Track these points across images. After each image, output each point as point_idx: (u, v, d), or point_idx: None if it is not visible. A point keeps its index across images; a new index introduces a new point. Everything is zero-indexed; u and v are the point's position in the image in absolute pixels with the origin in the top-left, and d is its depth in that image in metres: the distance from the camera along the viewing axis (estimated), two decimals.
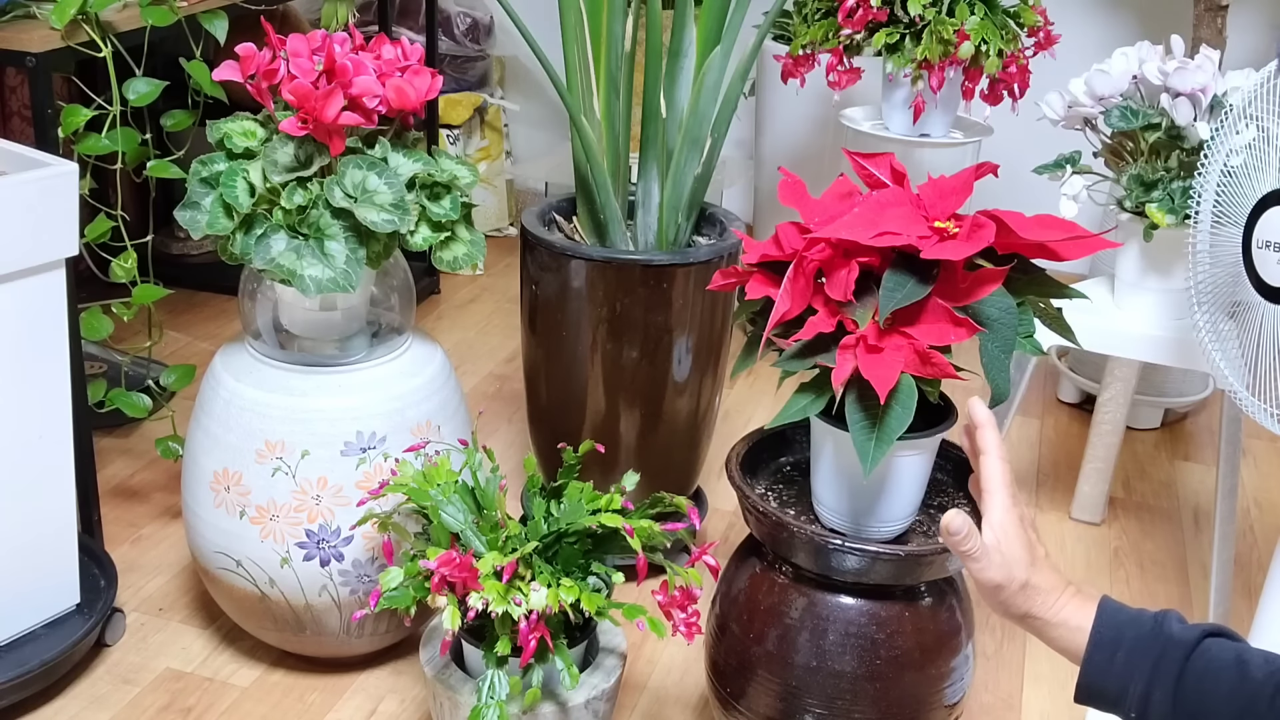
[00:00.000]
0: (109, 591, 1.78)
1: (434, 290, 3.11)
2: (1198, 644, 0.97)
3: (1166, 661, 0.96)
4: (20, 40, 1.71)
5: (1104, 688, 1.00)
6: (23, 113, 2.73)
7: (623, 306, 1.84)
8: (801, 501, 1.50)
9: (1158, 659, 0.97)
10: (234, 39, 1.77)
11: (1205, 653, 0.97)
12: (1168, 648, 0.97)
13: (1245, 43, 2.99)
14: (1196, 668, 0.95)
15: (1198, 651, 0.96)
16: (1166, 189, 1.87)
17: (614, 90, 1.91)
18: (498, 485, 1.53)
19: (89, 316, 1.84)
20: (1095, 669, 1.01)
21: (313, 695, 1.76)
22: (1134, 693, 0.97)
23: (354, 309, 1.70)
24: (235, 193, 1.53)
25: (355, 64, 1.53)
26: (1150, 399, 2.62)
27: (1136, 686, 0.97)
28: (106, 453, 2.29)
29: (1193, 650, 0.96)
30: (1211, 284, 1.63)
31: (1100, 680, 1.01)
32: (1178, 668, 0.96)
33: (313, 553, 1.63)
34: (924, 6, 2.28)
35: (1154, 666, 0.97)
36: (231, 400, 1.64)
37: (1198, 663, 0.96)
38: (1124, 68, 1.92)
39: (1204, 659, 0.96)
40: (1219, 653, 0.96)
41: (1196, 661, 0.96)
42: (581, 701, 1.46)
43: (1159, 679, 0.96)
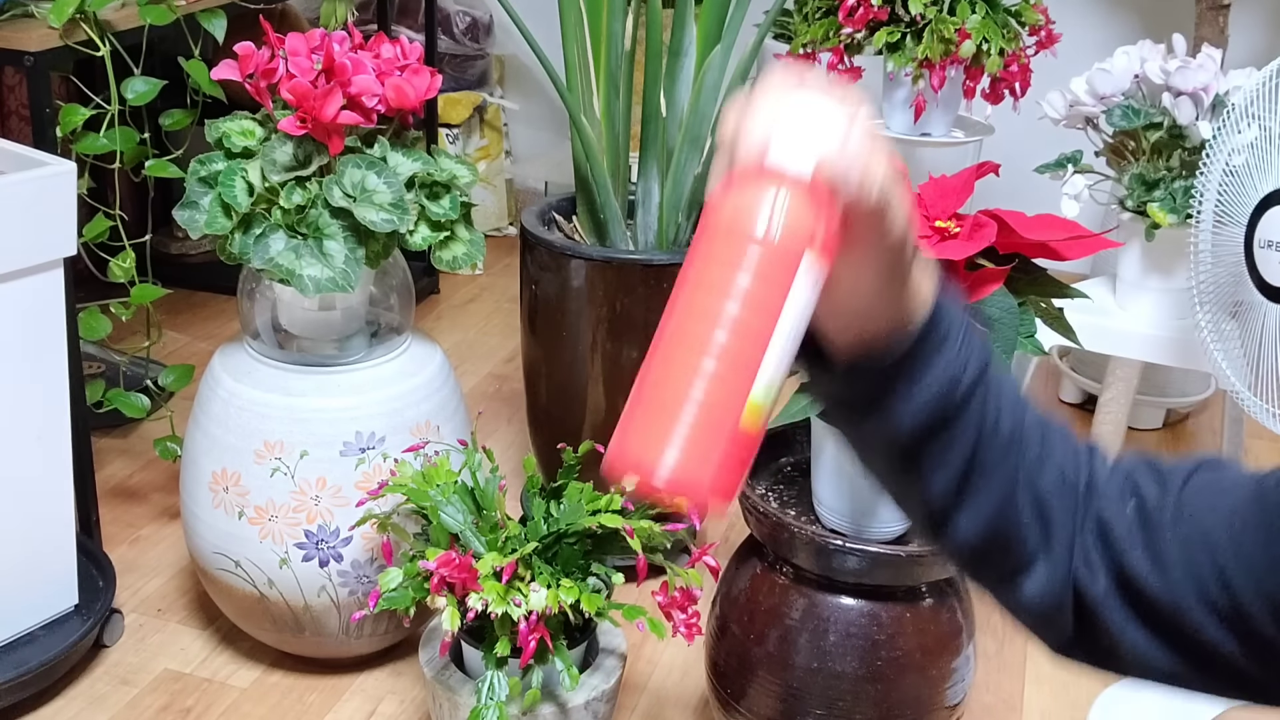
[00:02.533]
0: (107, 592, 1.77)
1: (433, 290, 3.11)
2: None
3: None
4: (18, 39, 1.71)
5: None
6: (21, 112, 2.73)
7: (623, 306, 1.84)
8: (802, 502, 1.50)
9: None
10: (232, 38, 1.77)
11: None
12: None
13: (1247, 42, 2.98)
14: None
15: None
16: (1168, 188, 1.86)
17: (614, 89, 1.90)
18: (497, 485, 1.53)
19: (87, 316, 1.83)
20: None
21: (312, 696, 1.76)
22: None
23: (353, 309, 1.69)
24: (234, 192, 1.53)
25: (354, 63, 1.53)
26: (1152, 399, 2.62)
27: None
28: (105, 453, 2.29)
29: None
30: (1213, 284, 1.63)
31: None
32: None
33: (312, 553, 1.63)
34: (925, 5, 2.27)
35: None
36: (230, 400, 1.64)
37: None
38: (1126, 67, 1.92)
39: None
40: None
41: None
42: (581, 702, 1.46)
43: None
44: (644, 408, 0.62)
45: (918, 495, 0.75)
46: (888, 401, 0.70)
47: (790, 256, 0.59)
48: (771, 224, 0.59)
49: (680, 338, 0.61)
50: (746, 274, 0.59)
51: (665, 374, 0.62)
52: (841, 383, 0.72)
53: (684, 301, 0.61)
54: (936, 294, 0.70)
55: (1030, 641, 1.94)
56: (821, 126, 0.62)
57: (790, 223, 0.59)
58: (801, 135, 0.61)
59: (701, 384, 0.60)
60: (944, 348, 0.70)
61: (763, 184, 0.60)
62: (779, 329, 0.59)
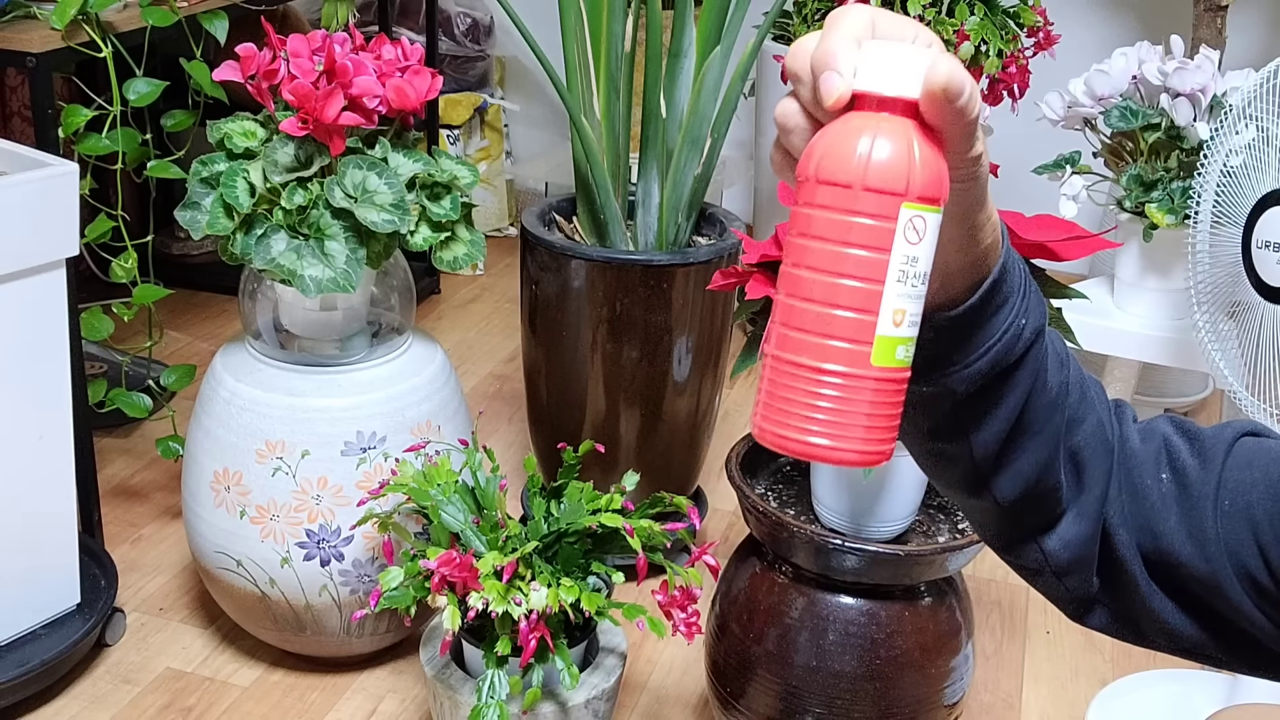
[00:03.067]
0: (109, 591, 1.78)
1: (434, 290, 3.11)
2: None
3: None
4: (21, 40, 1.71)
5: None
6: (23, 113, 2.73)
7: (623, 306, 1.84)
8: (801, 501, 1.50)
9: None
10: (234, 39, 1.77)
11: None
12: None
13: (1245, 43, 2.99)
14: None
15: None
16: (1166, 189, 1.87)
17: (614, 90, 1.91)
18: (498, 485, 1.53)
19: (89, 316, 1.84)
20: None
21: (313, 695, 1.76)
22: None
23: (354, 309, 1.70)
24: (235, 193, 1.53)
25: (355, 64, 1.54)
26: (1150, 399, 2.62)
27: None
28: (107, 453, 2.29)
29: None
30: (1211, 284, 1.64)
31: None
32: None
33: (313, 552, 1.63)
34: (923, 7, 2.28)
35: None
36: (232, 400, 1.64)
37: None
38: (1124, 68, 1.92)
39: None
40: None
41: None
42: (581, 701, 1.46)
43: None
44: (778, 379, 0.61)
45: (963, 454, 0.73)
46: (950, 357, 0.69)
47: (891, 189, 0.58)
48: (871, 159, 0.58)
49: (802, 292, 0.60)
50: (826, 215, 0.59)
51: (789, 339, 0.60)
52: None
53: (804, 257, 0.60)
54: (1004, 248, 0.68)
55: (1028, 640, 1.94)
56: (907, 46, 0.60)
57: (892, 155, 0.58)
58: (894, 55, 0.59)
59: (800, 344, 0.60)
60: (1009, 303, 0.69)
61: (862, 116, 0.59)
62: (892, 262, 0.58)
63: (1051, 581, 0.77)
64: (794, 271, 0.60)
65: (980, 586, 2.07)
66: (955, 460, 0.74)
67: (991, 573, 2.10)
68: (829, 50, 0.59)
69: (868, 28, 0.60)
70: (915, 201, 0.58)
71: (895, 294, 0.58)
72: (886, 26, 0.61)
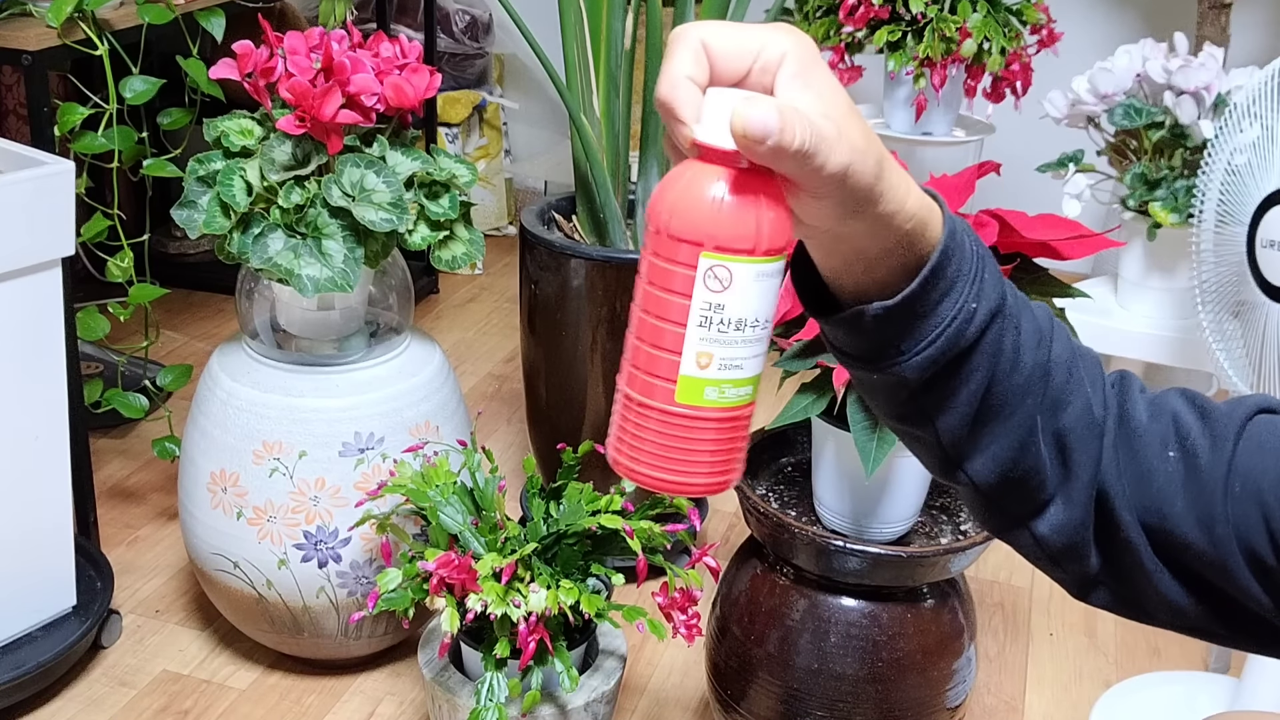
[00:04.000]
0: (105, 593, 1.77)
1: (432, 290, 3.10)
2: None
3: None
4: (16, 38, 1.70)
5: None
6: (19, 111, 2.72)
7: (623, 306, 1.83)
8: (802, 502, 1.49)
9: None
10: (231, 37, 1.76)
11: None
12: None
13: (1249, 40, 2.98)
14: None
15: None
16: (1170, 187, 1.86)
17: (614, 88, 1.90)
18: (496, 486, 1.53)
19: (85, 316, 1.83)
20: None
21: (310, 697, 1.75)
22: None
23: (352, 309, 1.69)
24: (232, 192, 1.52)
25: (353, 62, 1.52)
26: None
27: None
28: (103, 453, 2.28)
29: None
30: (1215, 283, 1.62)
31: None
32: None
33: (310, 554, 1.62)
34: (926, 4, 2.27)
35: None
36: (229, 400, 1.63)
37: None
38: (1127, 66, 1.91)
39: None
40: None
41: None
42: (581, 704, 1.45)
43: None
44: (618, 409, 0.65)
45: (930, 439, 0.72)
46: (894, 345, 0.68)
47: (687, 237, 0.60)
48: (675, 206, 0.60)
49: (633, 329, 0.64)
50: (649, 258, 0.62)
51: (624, 372, 0.64)
52: (846, 328, 0.69)
53: (636, 295, 0.64)
54: (945, 232, 0.67)
55: (1031, 643, 1.93)
56: (730, 93, 0.60)
57: (693, 205, 0.60)
58: (718, 104, 0.60)
59: (633, 378, 0.63)
60: (955, 287, 0.67)
61: (693, 165, 0.61)
62: (693, 307, 0.60)
63: (1047, 565, 0.76)
64: (633, 308, 0.64)
65: (983, 588, 2.06)
66: (925, 444, 0.74)
67: (994, 574, 2.09)
68: (671, 95, 0.60)
69: (700, 55, 0.61)
70: (714, 251, 0.60)
71: (698, 338, 0.61)
72: (722, 46, 0.61)
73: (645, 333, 0.62)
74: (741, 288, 0.60)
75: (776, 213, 0.60)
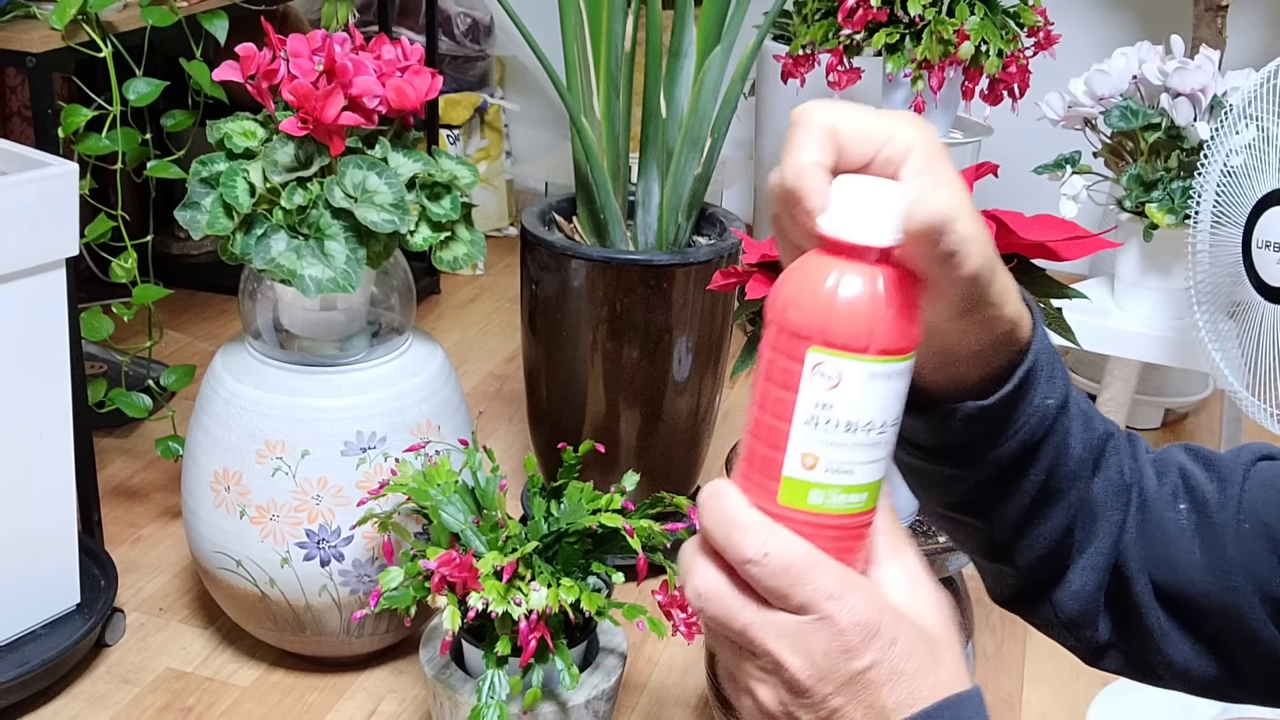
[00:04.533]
0: (109, 591, 1.78)
1: (434, 290, 3.11)
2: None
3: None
4: (20, 40, 1.71)
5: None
6: (23, 113, 2.73)
7: (623, 306, 1.84)
8: None
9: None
10: (234, 39, 1.77)
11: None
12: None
13: (1245, 43, 2.99)
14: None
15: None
16: (1166, 189, 1.87)
17: (614, 90, 1.91)
18: (498, 485, 1.53)
19: (89, 316, 1.83)
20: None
21: (313, 695, 1.76)
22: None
23: (354, 309, 1.70)
24: (235, 193, 1.53)
25: (355, 64, 1.53)
26: (1150, 399, 2.62)
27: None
28: (107, 453, 2.29)
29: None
30: (1211, 284, 1.64)
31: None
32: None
33: (313, 552, 1.63)
34: (924, 7, 2.28)
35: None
36: (231, 400, 1.64)
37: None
38: (1124, 68, 1.92)
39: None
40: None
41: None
42: (581, 701, 1.46)
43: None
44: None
45: (982, 527, 0.71)
46: (978, 444, 0.66)
47: (797, 330, 0.56)
48: (790, 298, 0.57)
49: (748, 419, 0.60)
50: (764, 350, 0.58)
51: (739, 462, 0.60)
52: (928, 422, 0.66)
53: (753, 384, 0.60)
54: (1038, 334, 0.65)
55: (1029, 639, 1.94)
56: (876, 184, 0.55)
57: (807, 298, 0.56)
58: (858, 196, 0.55)
59: (743, 475, 0.59)
60: (1036, 385, 0.66)
61: (816, 257, 0.57)
62: (799, 404, 0.56)
63: (1060, 632, 0.75)
64: (749, 406, 0.60)
65: (980, 586, 2.06)
66: (972, 530, 0.72)
67: None
68: (799, 182, 0.56)
69: (827, 141, 0.56)
70: (823, 346, 0.55)
71: (804, 436, 0.56)
72: (849, 133, 0.57)
73: (755, 429, 0.58)
74: (852, 388, 0.56)
75: (899, 311, 0.56)
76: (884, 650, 0.56)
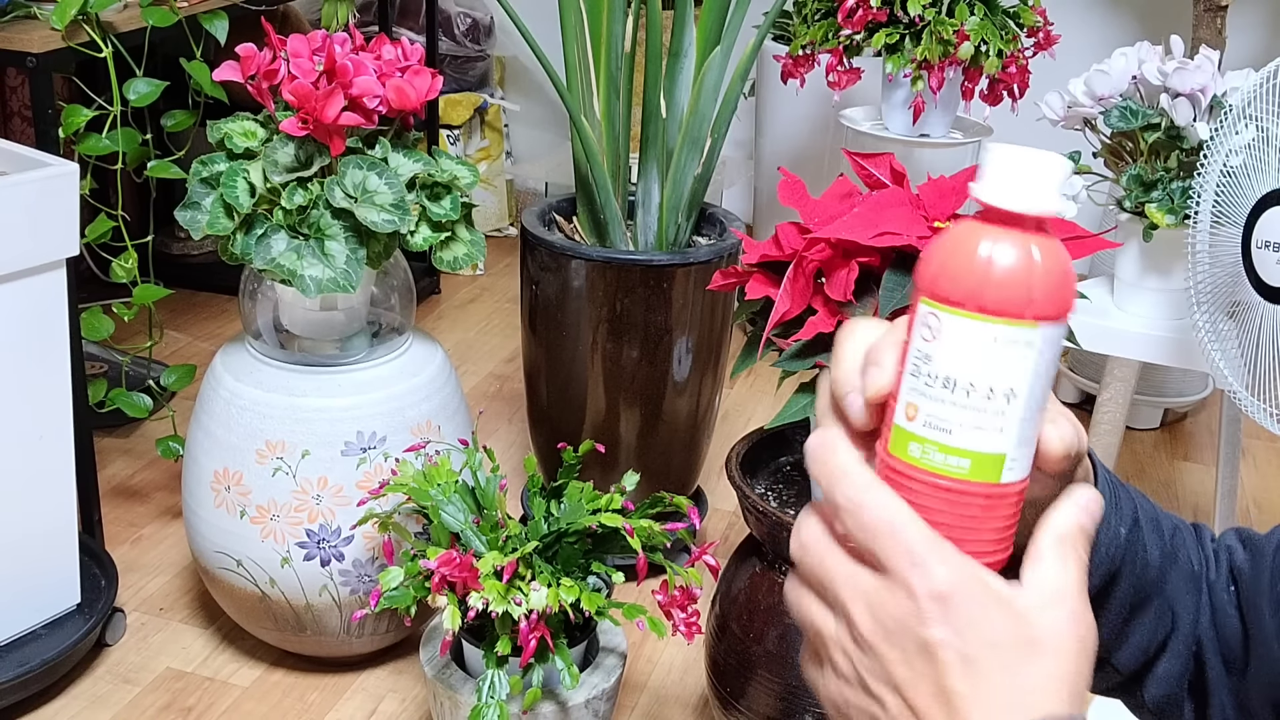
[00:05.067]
0: (109, 591, 1.78)
1: (434, 290, 3.11)
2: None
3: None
4: (21, 41, 1.71)
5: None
6: (23, 113, 2.73)
7: (623, 306, 1.84)
8: (802, 501, 1.50)
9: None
10: (234, 39, 1.77)
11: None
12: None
13: (1245, 43, 2.99)
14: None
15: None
16: (1166, 189, 1.87)
17: (614, 90, 1.91)
18: (498, 485, 1.54)
19: (89, 316, 1.84)
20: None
21: (313, 695, 1.76)
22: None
23: (354, 309, 1.70)
24: (236, 193, 1.54)
25: (355, 64, 1.54)
26: (1150, 399, 2.63)
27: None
28: (107, 453, 2.29)
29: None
30: (1211, 284, 1.64)
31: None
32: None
33: (313, 552, 1.63)
34: (923, 7, 2.28)
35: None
36: (232, 400, 1.64)
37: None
38: (1123, 68, 1.92)
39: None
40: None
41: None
42: (582, 701, 1.46)
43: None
44: None
45: None
46: None
47: (916, 279, 0.58)
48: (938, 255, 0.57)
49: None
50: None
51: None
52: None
53: None
54: (1101, 477, 0.66)
55: None
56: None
57: (931, 246, 0.58)
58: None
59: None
60: (1107, 520, 0.67)
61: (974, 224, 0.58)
62: (910, 351, 0.58)
63: (1148, 717, 0.76)
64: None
65: None
66: None
67: None
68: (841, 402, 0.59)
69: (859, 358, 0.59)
70: (929, 297, 0.56)
71: (908, 386, 0.57)
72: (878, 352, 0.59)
73: (895, 377, 0.59)
74: (950, 341, 0.55)
75: (1009, 273, 0.55)
76: (959, 630, 0.54)
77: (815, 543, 0.58)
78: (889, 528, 0.55)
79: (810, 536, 0.58)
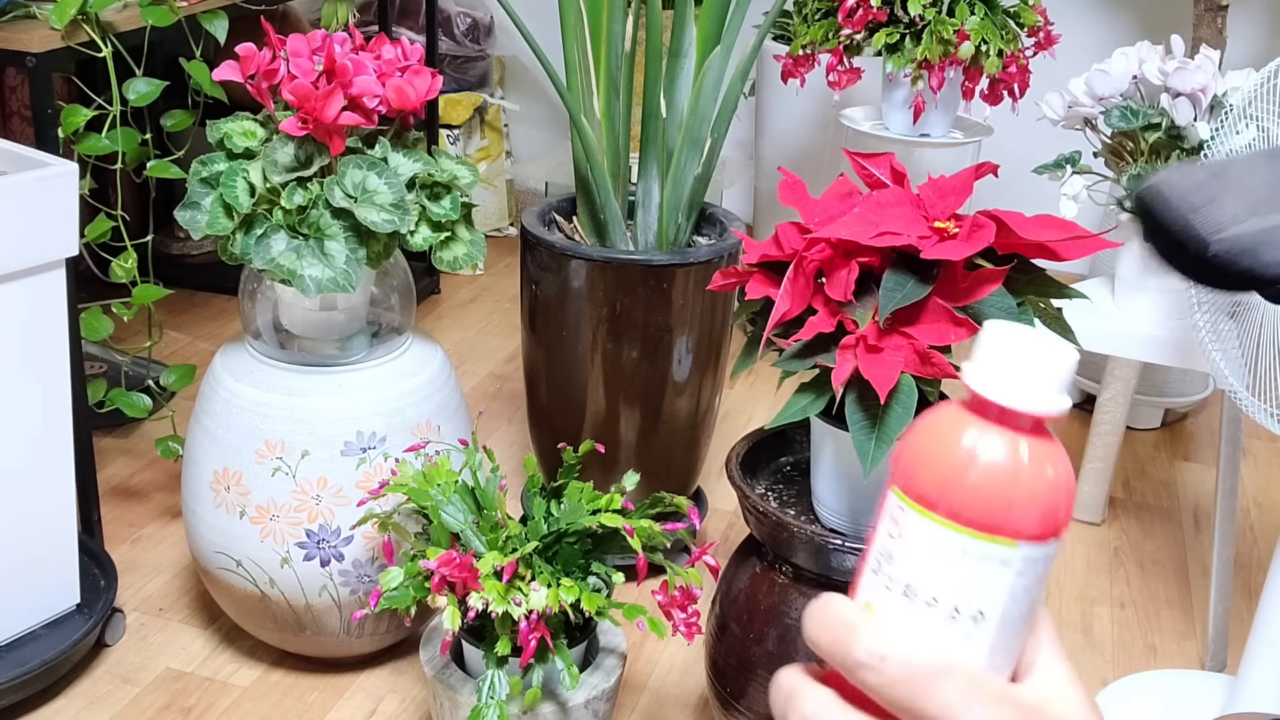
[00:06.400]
0: (109, 591, 1.78)
1: (434, 290, 3.11)
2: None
3: None
4: (20, 40, 1.71)
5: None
6: (23, 113, 2.73)
7: (623, 306, 1.84)
8: (801, 501, 1.50)
9: None
10: (234, 39, 1.77)
11: None
12: None
13: (1245, 42, 2.99)
14: None
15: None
16: None
17: (614, 90, 1.91)
18: (498, 485, 1.53)
19: (89, 316, 1.84)
20: None
21: (313, 695, 1.76)
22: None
23: (354, 309, 1.70)
24: (235, 193, 1.53)
25: (355, 64, 1.53)
26: (1150, 399, 2.62)
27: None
28: (106, 453, 2.29)
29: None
30: None
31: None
32: None
33: (313, 553, 1.63)
34: (924, 6, 2.28)
35: None
36: (231, 400, 1.64)
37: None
38: (1124, 68, 1.92)
39: None
40: None
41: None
42: (581, 701, 1.46)
43: None
44: None
45: None
46: None
47: (891, 463, 0.53)
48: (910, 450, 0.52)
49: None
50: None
51: None
52: None
53: None
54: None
55: None
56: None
57: (912, 429, 0.52)
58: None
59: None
60: None
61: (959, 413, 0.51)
62: (872, 545, 0.52)
63: None
64: None
65: None
66: None
67: None
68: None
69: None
70: (899, 489, 0.50)
71: (866, 583, 0.51)
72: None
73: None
74: (914, 545, 0.49)
75: (985, 480, 0.48)
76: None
77: (828, 712, 0.51)
78: (927, 679, 0.48)
79: (817, 707, 0.51)
